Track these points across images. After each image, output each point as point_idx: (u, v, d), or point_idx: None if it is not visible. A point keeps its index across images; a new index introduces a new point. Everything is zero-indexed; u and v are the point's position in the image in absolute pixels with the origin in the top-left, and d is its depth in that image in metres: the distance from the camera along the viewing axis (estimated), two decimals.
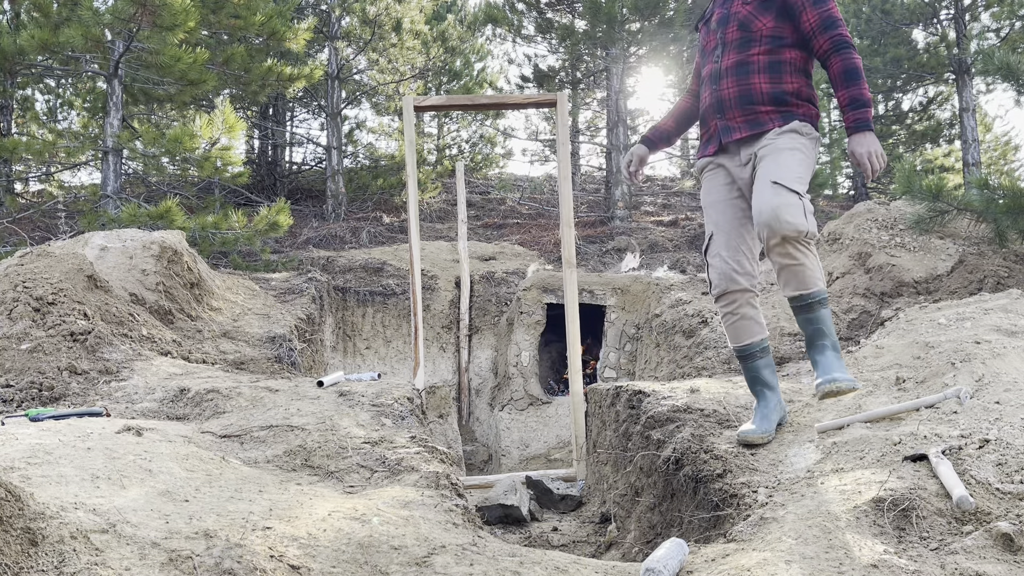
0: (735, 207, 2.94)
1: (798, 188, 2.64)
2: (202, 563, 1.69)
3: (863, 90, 2.73)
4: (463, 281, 9.28)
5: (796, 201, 2.61)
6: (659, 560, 1.99)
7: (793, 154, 2.75)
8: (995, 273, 5.77)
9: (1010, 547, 1.85)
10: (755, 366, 2.94)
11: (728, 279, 2.91)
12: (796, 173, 2.69)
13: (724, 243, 2.92)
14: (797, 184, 2.66)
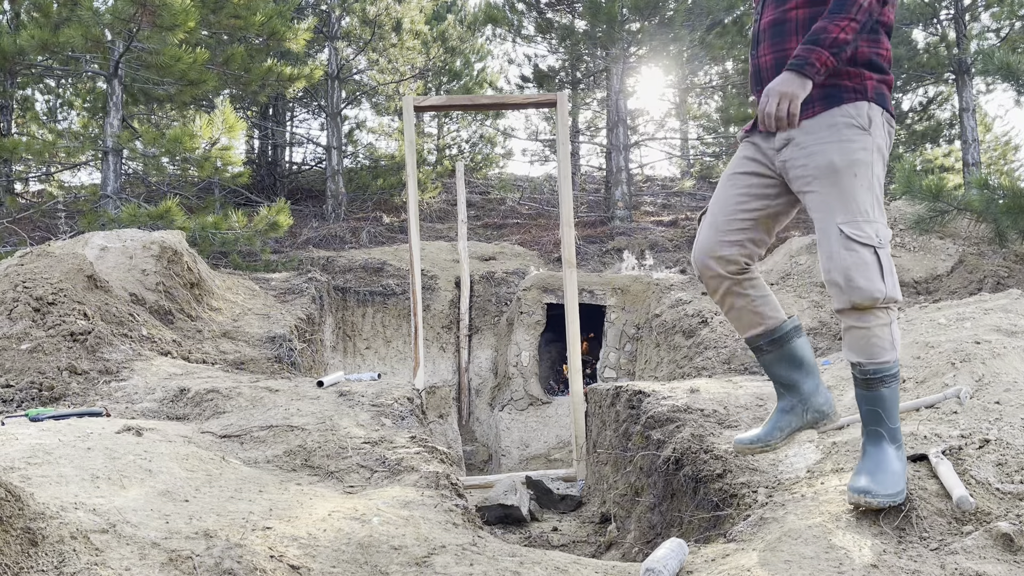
0: (746, 184, 2.33)
1: (873, 234, 2.07)
2: (202, 563, 1.69)
3: (830, 24, 2.03)
4: (463, 281, 9.28)
5: (871, 259, 2.06)
6: (659, 560, 1.99)
7: (853, 171, 2.09)
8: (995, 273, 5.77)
9: (1010, 547, 1.85)
10: (764, 361, 2.44)
11: (701, 263, 2.36)
12: (865, 206, 2.08)
13: (710, 222, 2.36)
14: (870, 225, 2.07)
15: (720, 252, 2.31)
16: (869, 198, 2.10)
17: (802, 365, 2.39)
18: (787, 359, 2.39)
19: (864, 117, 2.12)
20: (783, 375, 2.42)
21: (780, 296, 6.27)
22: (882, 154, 2.15)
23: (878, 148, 2.12)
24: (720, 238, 2.32)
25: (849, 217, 2.09)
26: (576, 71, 15.85)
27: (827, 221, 2.12)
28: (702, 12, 12.85)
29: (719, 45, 12.94)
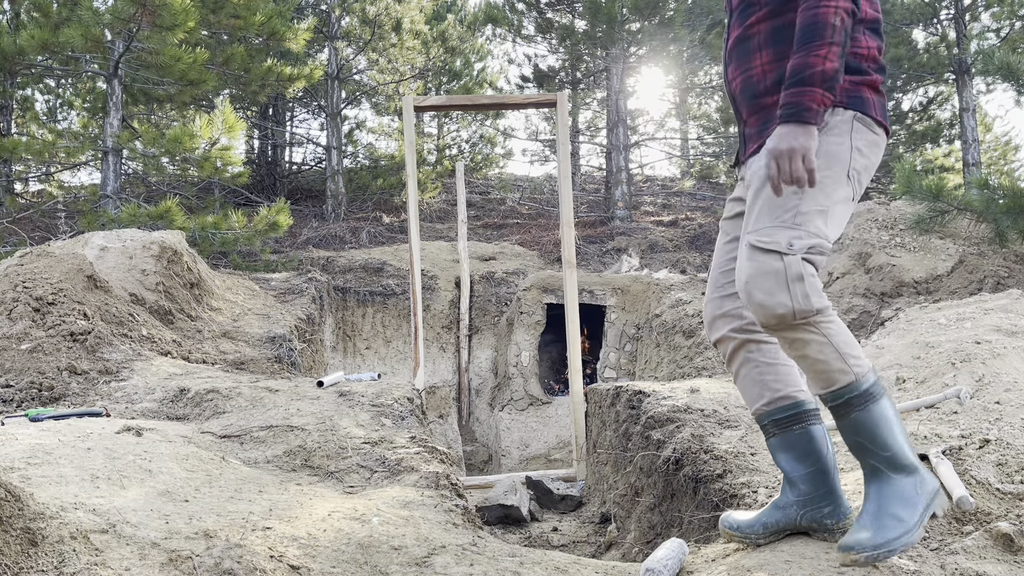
0: (735, 228, 2.09)
1: (783, 240, 1.77)
2: (202, 563, 1.69)
3: (810, 57, 1.75)
4: (463, 281, 9.28)
5: (774, 267, 1.76)
6: (659, 560, 1.99)
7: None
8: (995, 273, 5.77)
9: (1010, 547, 1.85)
10: (768, 445, 2.05)
11: (709, 325, 2.12)
12: (784, 212, 1.80)
13: (711, 279, 2.12)
14: (783, 231, 1.78)
15: (721, 309, 2.07)
16: (793, 203, 1.79)
17: (809, 459, 1.95)
18: (792, 448, 1.98)
19: (837, 125, 1.87)
20: (786, 466, 2.01)
21: None
22: (837, 158, 1.83)
23: (827, 153, 1.82)
24: (719, 294, 2.08)
25: (760, 225, 1.82)
26: (576, 71, 15.86)
27: (743, 233, 1.88)
28: (702, 12, 12.85)
29: (719, 45, 12.94)
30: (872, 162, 1.89)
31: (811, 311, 1.74)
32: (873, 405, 1.79)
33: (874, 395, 1.79)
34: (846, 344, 1.78)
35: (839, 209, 1.85)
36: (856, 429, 1.80)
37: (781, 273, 1.75)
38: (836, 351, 1.77)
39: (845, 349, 1.77)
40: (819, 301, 1.75)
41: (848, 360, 1.77)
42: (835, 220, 1.84)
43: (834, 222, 1.84)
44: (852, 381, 1.77)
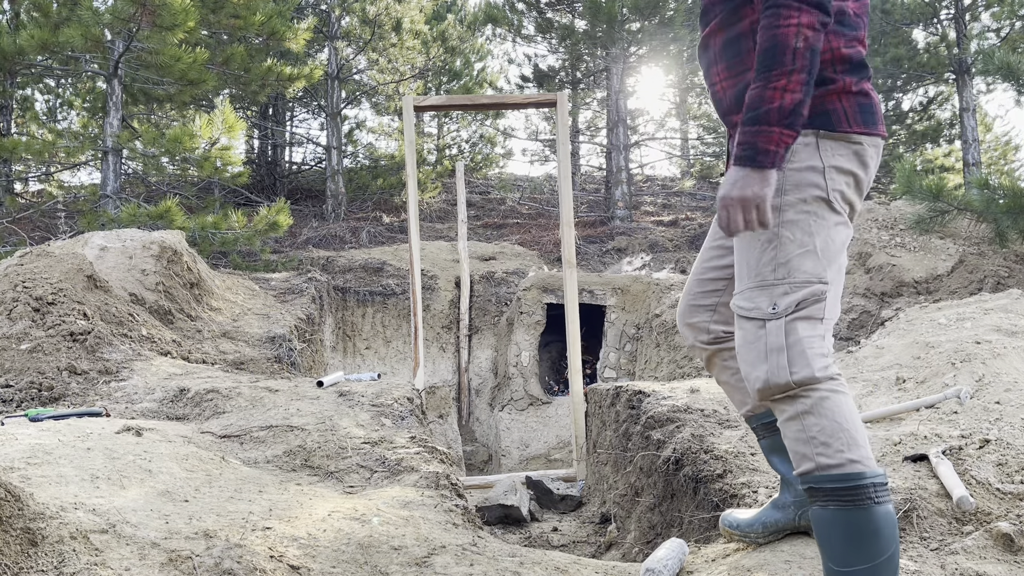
0: (718, 237, 1.98)
1: (765, 303, 1.64)
2: (202, 563, 1.69)
3: (767, 90, 1.55)
4: (463, 281, 9.28)
5: (754, 335, 1.65)
6: (659, 560, 1.99)
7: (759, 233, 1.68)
8: (995, 273, 5.77)
9: (1010, 547, 1.85)
10: (761, 446, 2.05)
11: (681, 329, 2.06)
12: (761, 267, 1.67)
13: (688, 283, 2.04)
14: (763, 292, 1.65)
15: (690, 319, 2.00)
16: (769, 254, 1.65)
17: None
18: (781, 449, 1.94)
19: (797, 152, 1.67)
20: (778, 467, 1.99)
21: None
22: (809, 187, 1.65)
23: (796, 185, 1.65)
24: (690, 302, 2.01)
25: (741, 287, 1.71)
26: (576, 71, 15.86)
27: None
28: None
29: None
30: (859, 174, 1.70)
31: (788, 385, 1.58)
32: (844, 512, 1.53)
33: (841, 497, 1.53)
34: (828, 422, 1.56)
35: (831, 236, 1.66)
36: (817, 524, 1.60)
37: (761, 342, 1.63)
38: (808, 429, 1.58)
39: (827, 427, 1.56)
40: (802, 371, 1.58)
41: (828, 441, 1.56)
42: (829, 251, 1.66)
43: (828, 254, 1.65)
44: (819, 467, 1.56)
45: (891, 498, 1.56)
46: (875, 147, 1.73)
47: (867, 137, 1.70)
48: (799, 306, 1.62)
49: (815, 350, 1.60)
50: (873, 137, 1.71)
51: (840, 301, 1.72)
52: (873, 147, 1.72)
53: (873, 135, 1.71)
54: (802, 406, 1.58)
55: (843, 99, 1.69)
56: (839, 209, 1.68)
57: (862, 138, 1.69)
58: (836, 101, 1.68)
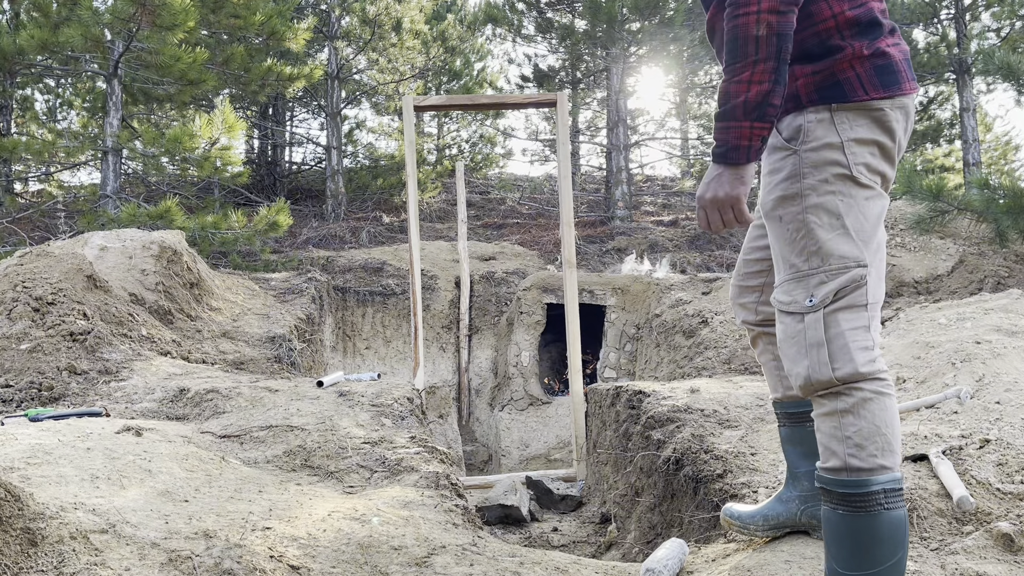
0: (756, 221, 1.95)
1: (802, 296, 1.59)
2: (202, 563, 1.69)
3: (732, 85, 1.53)
4: (463, 281, 9.28)
5: (795, 329, 1.60)
6: (659, 560, 1.99)
7: (778, 214, 1.65)
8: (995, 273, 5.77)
9: (1010, 547, 1.85)
10: (780, 432, 2.03)
11: (732, 307, 2.06)
12: (792, 258, 1.62)
13: (738, 262, 2.03)
14: (799, 283, 1.60)
15: (739, 299, 2.00)
16: (799, 245, 1.60)
17: (815, 456, 1.81)
18: (800, 442, 1.93)
19: (790, 130, 1.62)
20: (791, 459, 1.97)
21: None
22: (831, 166, 1.59)
23: (816, 166, 1.59)
24: (738, 282, 2.00)
25: (779, 279, 1.66)
26: (576, 71, 15.86)
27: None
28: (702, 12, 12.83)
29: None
30: (883, 141, 1.61)
31: (831, 381, 1.54)
32: (852, 516, 1.52)
33: (852, 503, 1.51)
34: (858, 423, 1.52)
35: (863, 213, 1.59)
36: (824, 523, 1.58)
37: (801, 336, 1.58)
38: (839, 429, 1.54)
39: (854, 429, 1.52)
40: (845, 367, 1.53)
41: (853, 441, 1.52)
42: (864, 230, 1.58)
43: (863, 234, 1.58)
44: (839, 466, 1.53)
45: (903, 502, 1.52)
46: (901, 108, 1.63)
47: (888, 100, 1.60)
48: (838, 295, 1.55)
49: (858, 343, 1.54)
50: (896, 98, 1.61)
51: (884, 279, 1.65)
52: (898, 108, 1.62)
53: (895, 96, 1.61)
54: (843, 404, 1.53)
55: (856, 65, 1.60)
56: (867, 182, 1.59)
57: (883, 102, 1.60)
58: (848, 69, 1.60)
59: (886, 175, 1.65)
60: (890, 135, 1.62)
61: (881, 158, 1.63)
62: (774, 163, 1.65)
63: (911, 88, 1.65)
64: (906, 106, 1.64)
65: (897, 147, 1.66)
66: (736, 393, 3.64)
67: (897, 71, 1.63)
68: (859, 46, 1.60)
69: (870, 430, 1.52)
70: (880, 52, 1.62)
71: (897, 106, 1.62)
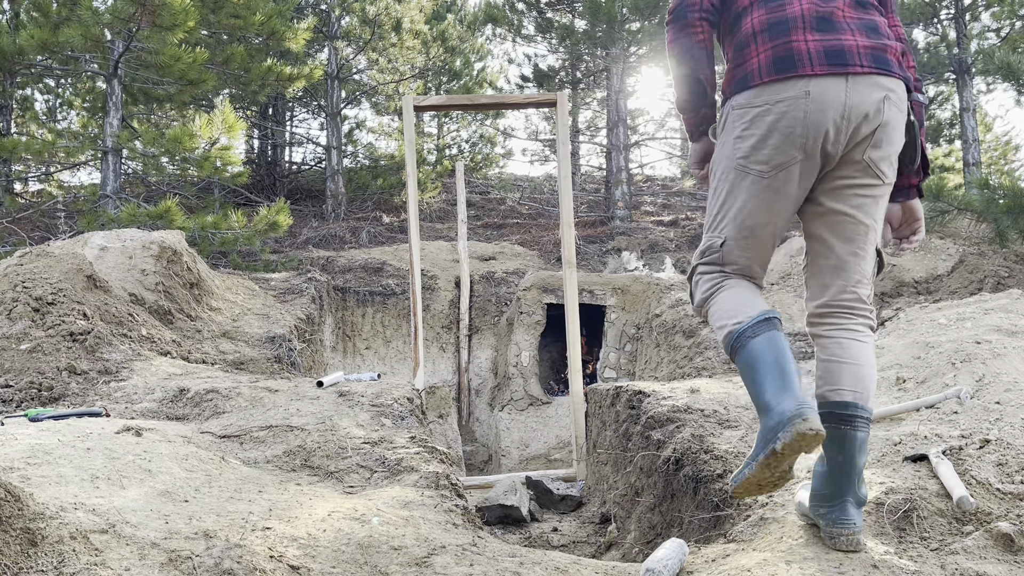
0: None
1: (695, 259, 2.07)
2: (202, 563, 1.69)
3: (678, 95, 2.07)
4: (463, 281, 9.28)
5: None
6: (659, 560, 1.99)
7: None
8: (995, 273, 5.77)
9: (1010, 547, 1.85)
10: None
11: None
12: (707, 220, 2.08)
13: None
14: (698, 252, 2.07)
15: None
16: (711, 211, 2.03)
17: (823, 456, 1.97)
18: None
19: (719, 123, 2.01)
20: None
21: (779, 296, 6.27)
22: (729, 147, 1.93)
23: (722, 144, 1.97)
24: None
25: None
26: (576, 71, 15.86)
27: None
28: None
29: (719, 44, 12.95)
30: (757, 130, 1.87)
31: (696, 311, 2.07)
32: (740, 353, 1.87)
33: (738, 345, 1.87)
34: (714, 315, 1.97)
35: (735, 203, 1.93)
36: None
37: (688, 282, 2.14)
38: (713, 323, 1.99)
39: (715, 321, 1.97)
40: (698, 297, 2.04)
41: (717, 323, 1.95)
42: (731, 215, 1.95)
43: (729, 217, 1.96)
44: (723, 336, 1.93)
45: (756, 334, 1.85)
46: (769, 92, 1.85)
47: (758, 86, 1.88)
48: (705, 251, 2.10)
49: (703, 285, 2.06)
50: (769, 83, 1.86)
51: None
52: (765, 92, 1.86)
53: (771, 80, 1.86)
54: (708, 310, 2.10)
55: (743, 68, 1.93)
56: (743, 173, 1.93)
57: (752, 89, 1.88)
58: (741, 72, 1.94)
59: (758, 169, 1.95)
60: (766, 120, 1.94)
61: (758, 151, 1.95)
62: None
63: (810, 71, 1.93)
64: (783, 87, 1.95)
65: (774, 137, 1.96)
66: (736, 393, 3.64)
67: (793, 59, 1.98)
68: (744, 58, 2.02)
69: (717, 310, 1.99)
70: (780, 44, 1.98)
71: (766, 91, 1.92)
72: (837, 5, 1.90)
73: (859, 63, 1.82)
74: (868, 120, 1.82)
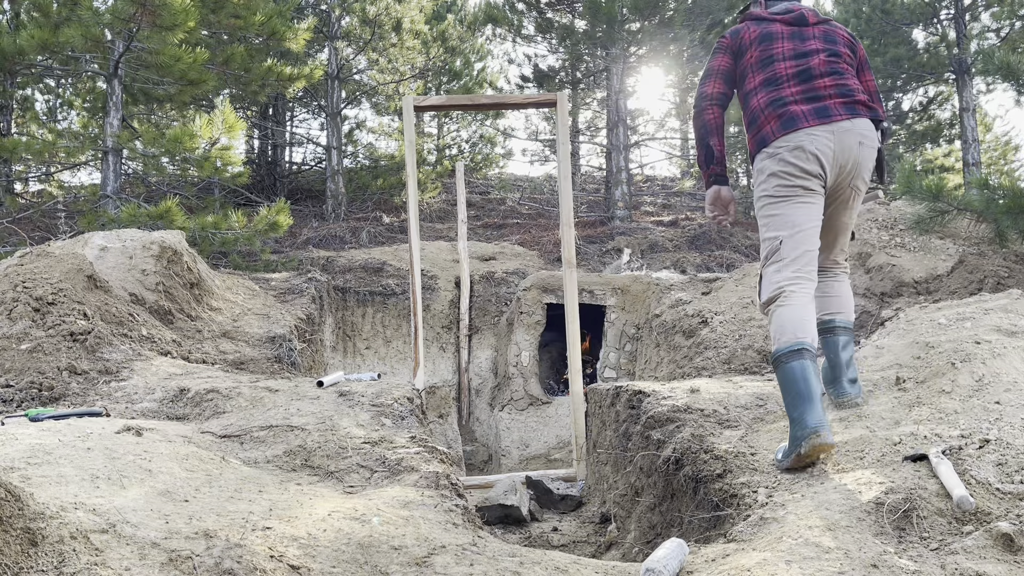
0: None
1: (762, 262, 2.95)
2: (202, 563, 1.69)
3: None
4: (463, 281, 9.28)
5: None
6: (659, 560, 1.99)
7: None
8: (995, 273, 5.77)
9: (1010, 547, 1.85)
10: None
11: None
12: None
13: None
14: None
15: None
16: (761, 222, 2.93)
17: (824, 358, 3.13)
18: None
19: (755, 169, 2.96)
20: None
21: None
22: (763, 179, 2.86)
23: (761, 176, 2.89)
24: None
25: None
26: (576, 71, 15.85)
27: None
28: (702, 12, 12.84)
29: None
30: (782, 167, 2.80)
31: (761, 304, 2.85)
32: (777, 369, 2.67)
33: (777, 363, 2.67)
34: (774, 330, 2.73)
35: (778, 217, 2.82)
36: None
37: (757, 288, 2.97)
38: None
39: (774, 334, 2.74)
40: (761, 296, 2.85)
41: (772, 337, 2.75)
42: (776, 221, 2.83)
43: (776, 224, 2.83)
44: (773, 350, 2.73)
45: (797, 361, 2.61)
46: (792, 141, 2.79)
47: (783, 137, 2.81)
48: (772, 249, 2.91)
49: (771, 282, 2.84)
50: (794, 133, 2.79)
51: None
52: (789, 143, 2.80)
53: (794, 131, 2.79)
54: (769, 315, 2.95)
55: (763, 132, 2.88)
56: (775, 197, 2.85)
57: (779, 143, 2.82)
58: (761, 135, 2.89)
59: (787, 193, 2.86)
60: (791, 158, 2.85)
61: (782, 181, 2.87)
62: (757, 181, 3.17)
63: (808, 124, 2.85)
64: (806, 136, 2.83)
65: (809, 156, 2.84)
66: (736, 393, 3.64)
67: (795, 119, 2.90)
68: (759, 128, 2.97)
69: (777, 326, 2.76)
70: (782, 114, 2.92)
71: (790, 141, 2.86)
72: (821, 83, 2.86)
73: (839, 113, 2.80)
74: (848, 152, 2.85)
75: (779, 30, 3.00)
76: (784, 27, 3.01)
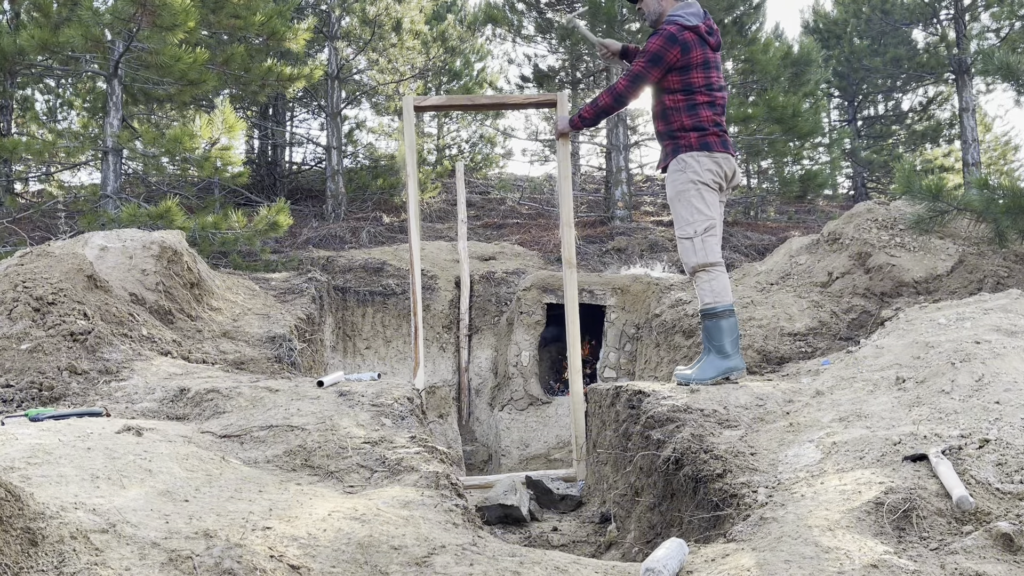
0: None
1: (691, 230, 4.10)
2: (202, 563, 1.69)
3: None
4: (463, 281, 9.28)
5: (689, 246, 4.11)
6: (659, 560, 1.99)
7: (677, 198, 4.18)
8: (995, 273, 5.78)
9: (1010, 547, 1.85)
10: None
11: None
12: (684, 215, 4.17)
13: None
14: (689, 226, 4.10)
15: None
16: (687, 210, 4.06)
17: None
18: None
19: (680, 163, 4.04)
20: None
21: (780, 296, 6.28)
22: (697, 175, 4.00)
23: (699, 167, 4.02)
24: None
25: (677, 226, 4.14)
26: (576, 71, 15.84)
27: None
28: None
29: None
30: (716, 169, 4.08)
31: (701, 264, 4.02)
32: (716, 320, 3.94)
33: (717, 315, 3.95)
34: (714, 285, 4.00)
35: (712, 204, 4.06)
36: (705, 329, 4.04)
37: (691, 248, 4.06)
38: (709, 287, 4.01)
39: (712, 287, 4.00)
40: (706, 258, 4.04)
41: (714, 293, 3.98)
42: (710, 207, 4.07)
43: (710, 207, 4.07)
44: (710, 303, 4.00)
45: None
46: (723, 159, 4.08)
47: (723, 153, 4.07)
48: (699, 231, 4.04)
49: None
50: (724, 153, 4.08)
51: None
52: (726, 158, 4.10)
53: (725, 152, 4.09)
54: (708, 275, 4.03)
55: (713, 137, 4.03)
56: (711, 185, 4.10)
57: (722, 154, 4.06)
58: (708, 137, 4.04)
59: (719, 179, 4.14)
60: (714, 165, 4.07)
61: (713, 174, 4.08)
62: (673, 177, 4.22)
63: (721, 151, 4.09)
64: (718, 158, 4.08)
65: (718, 170, 4.12)
66: (736, 393, 3.64)
67: (710, 144, 4.08)
68: (693, 136, 4.08)
69: (717, 286, 4.02)
70: (702, 140, 4.08)
71: (711, 157, 4.07)
72: (723, 119, 4.10)
73: (731, 149, 4.12)
74: (736, 175, 4.16)
75: (712, 59, 3.93)
76: (713, 55, 3.93)
